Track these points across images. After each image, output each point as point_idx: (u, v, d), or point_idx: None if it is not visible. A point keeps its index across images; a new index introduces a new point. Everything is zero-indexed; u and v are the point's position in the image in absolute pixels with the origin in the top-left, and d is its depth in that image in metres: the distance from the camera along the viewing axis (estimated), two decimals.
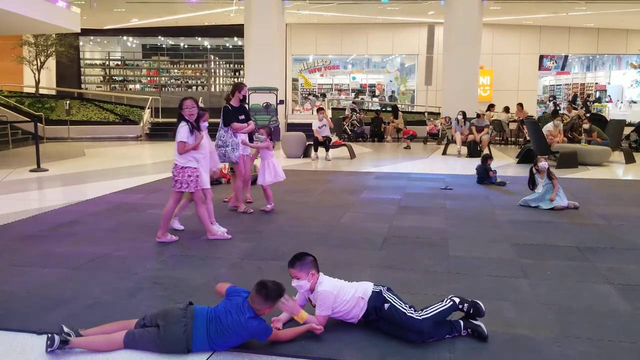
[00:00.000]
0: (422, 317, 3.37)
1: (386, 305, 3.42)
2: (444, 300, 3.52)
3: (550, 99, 28.29)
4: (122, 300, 3.91)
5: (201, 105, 8.28)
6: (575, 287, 4.40)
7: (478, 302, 3.53)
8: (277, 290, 3.31)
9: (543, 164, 7.62)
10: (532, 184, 7.75)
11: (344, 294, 3.51)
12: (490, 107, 18.40)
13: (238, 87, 7.40)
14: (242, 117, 7.29)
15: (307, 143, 14.40)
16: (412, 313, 3.38)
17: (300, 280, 3.49)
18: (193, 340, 3.23)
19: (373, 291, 3.52)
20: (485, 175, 9.77)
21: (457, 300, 3.52)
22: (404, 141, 16.93)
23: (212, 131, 6.46)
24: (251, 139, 7.57)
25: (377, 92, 28.38)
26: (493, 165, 10.09)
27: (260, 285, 3.30)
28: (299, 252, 3.66)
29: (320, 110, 14.49)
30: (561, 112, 18.68)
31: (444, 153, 14.87)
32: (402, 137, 17.16)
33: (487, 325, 3.63)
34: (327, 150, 13.80)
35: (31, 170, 11.02)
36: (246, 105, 7.56)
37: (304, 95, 28.40)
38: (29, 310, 3.88)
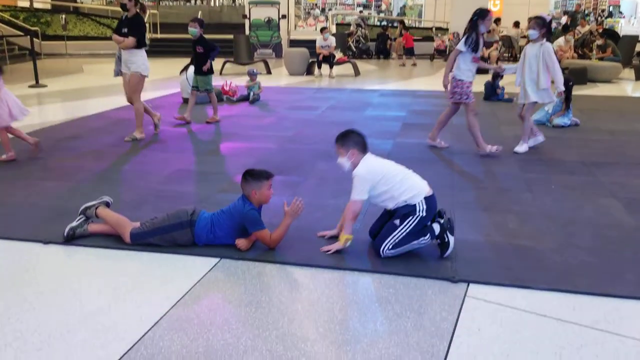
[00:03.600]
0: (386, 254, 3.26)
1: (397, 221, 3.29)
2: (427, 235, 3.30)
3: (564, 13, 27.30)
4: (126, 212, 3.90)
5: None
6: (579, 200, 4.39)
7: (449, 249, 3.30)
8: (263, 172, 3.43)
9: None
10: None
11: (387, 182, 3.30)
12: (497, 21, 17.80)
13: None
14: (125, 30, 6.22)
15: (311, 60, 14.08)
16: (392, 242, 3.24)
17: (341, 157, 3.40)
18: (196, 225, 3.42)
19: (417, 204, 3.29)
20: (492, 92, 9.60)
21: (436, 231, 3.31)
22: (406, 58, 16.54)
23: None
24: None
25: (383, 7, 27.44)
26: (501, 82, 9.87)
27: (247, 170, 3.47)
28: (348, 129, 3.50)
29: (324, 29, 14.08)
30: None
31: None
32: (398, 53, 16.65)
33: (491, 236, 3.66)
34: (330, 67, 13.52)
35: (30, 87, 10.86)
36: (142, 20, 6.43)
37: (307, 10, 27.50)
38: (34, 221, 3.91)
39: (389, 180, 3.32)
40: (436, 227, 3.33)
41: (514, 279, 3.07)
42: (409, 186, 3.34)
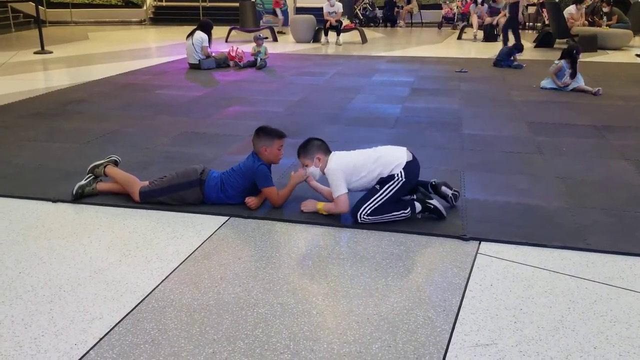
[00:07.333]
0: (363, 219, 3.18)
1: (378, 186, 3.24)
2: (407, 209, 3.22)
3: None
4: (134, 173, 3.88)
5: None
6: (591, 162, 4.34)
7: (442, 210, 3.26)
8: (276, 130, 3.42)
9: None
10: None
11: (360, 170, 3.27)
12: None
13: None
14: None
15: (317, 27, 13.89)
16: (371, 207, 3.17)
17: (308, 167, 3.37)
18: (206, 185, 3.41)
19: (396, 173, 3.23)
20: (505, 57, 9.47)
21: (418, 208, 3.24)
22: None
23: None
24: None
25: None
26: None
27: (260, 127, 3.47)
28: (306, 138, 3.44)
29: None
30: None
31: (459, 37, 14.33)
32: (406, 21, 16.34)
33: (501, 196, 3.63)
34: (338, 34, 13.34)
35: (35, 53, 10.79)
36: None
37: None
38: (42, 181, 3.90)
39: (360, 168, 3.28)
40: (417, 206, 3.24)
41: (526, 237, 3.04)
42: (382, 165, 3.26)
